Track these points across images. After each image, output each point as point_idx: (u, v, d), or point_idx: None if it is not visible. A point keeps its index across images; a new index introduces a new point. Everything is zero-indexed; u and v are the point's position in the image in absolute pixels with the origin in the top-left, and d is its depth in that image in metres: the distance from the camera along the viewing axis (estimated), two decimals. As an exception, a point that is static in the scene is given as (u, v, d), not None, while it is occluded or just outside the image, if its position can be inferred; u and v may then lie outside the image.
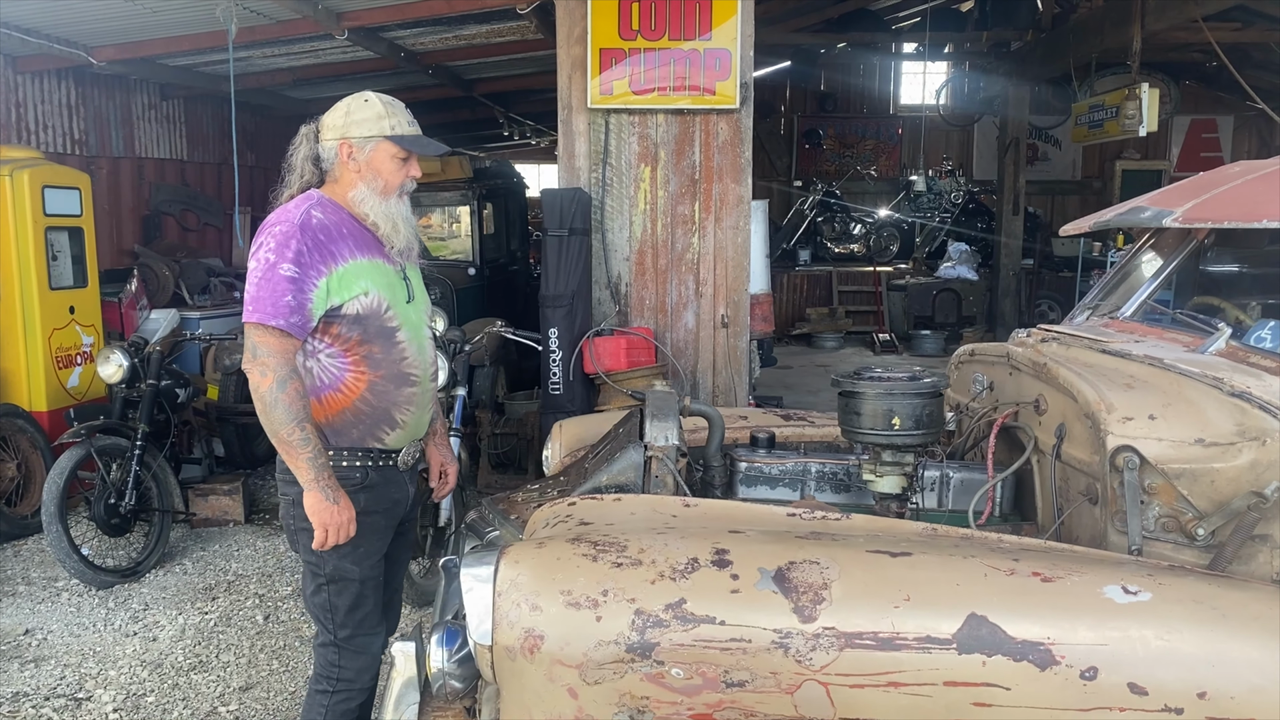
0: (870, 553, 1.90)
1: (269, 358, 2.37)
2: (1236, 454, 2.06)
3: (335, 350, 2.50)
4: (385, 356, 2.54)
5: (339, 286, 2.46)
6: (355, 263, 2.49)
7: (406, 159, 2.57)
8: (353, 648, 2.64)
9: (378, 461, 2.58)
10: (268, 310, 2.37)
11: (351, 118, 2.53)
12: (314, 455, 2.41)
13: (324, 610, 2.61)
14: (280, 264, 2.38)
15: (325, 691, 2.63)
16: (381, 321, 2.53)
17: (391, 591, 2.88)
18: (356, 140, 2.51)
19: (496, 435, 6.40)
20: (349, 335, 2.49)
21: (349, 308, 2.47)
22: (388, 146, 2.52)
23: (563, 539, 1.98)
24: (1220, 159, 16.38)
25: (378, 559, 2.65)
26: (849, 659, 1.74)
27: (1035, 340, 2.77)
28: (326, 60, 7.65)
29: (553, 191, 5.82)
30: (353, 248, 2.51)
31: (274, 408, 2.37)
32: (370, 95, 2.59)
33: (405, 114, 2.59)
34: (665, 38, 5.75)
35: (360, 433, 2.55)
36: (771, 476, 2.72)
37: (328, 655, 2.64)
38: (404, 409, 2.60)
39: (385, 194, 2.56)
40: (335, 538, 2.45)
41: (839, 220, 14.27)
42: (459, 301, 7.71)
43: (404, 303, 2.62)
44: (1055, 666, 1.73)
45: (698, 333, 6.00)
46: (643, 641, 1.77)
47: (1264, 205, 2.25)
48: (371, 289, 2.51)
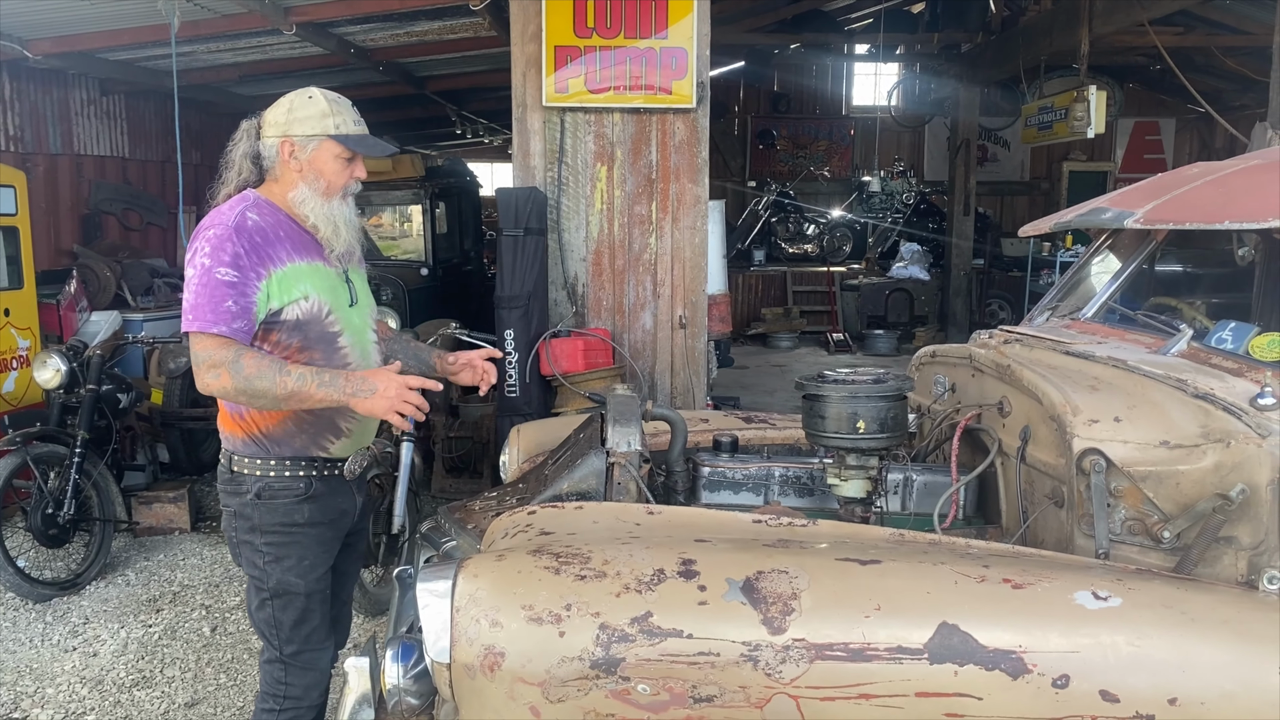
0: (839, 561, 1.86)
1: (214, 355, 2.28)
2: (1201, 456, 2.05)
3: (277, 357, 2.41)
4: (327, 362, 2.46)
5: (278, 290, 2.38)
6: (294, 266, 2.42)
7: (351, 159, 2.49)
8: (299, 664, 2.56)
9: (322, 471, 2.51)
10: (208, 317, 2.29)
11: (294, 115, 2.44)
12: (321, 381, 2.30)
13: (269, 626, 2.53)
14: (217, 268, 2.30)
15: (272, 710, 2.55)
16: (323, 327, 2.46)
17: (340, 604, 2.82)
18: (299, 139, 2.43)
19: (451, 439, 6.30)
20: (289, 342, 2.42)
21: (288, 312, 2.40)
22: (331, 146, 2.44)
23: (523, 550, 1.91)
24: (1163, 160, 16.73)
25: (323, 572, 2.57)
26: (819, 671, 1.70)
27: (998, 342, 2.76)
28: (274, 56, 7.47)
29: (508, 190, 5.73)
30: (290, 251, 2.43)
31: (250, 383, 2.27)
32: (315, 92, 2.50)
33: (351, 112, 2.51)
34: (621, 36, 5.69)
35: (303, 441, 2.48)
36: (735, 481, 2.67)
37: (274, 672, 2.56)
38: (348, 416, 2.52)
39: (327, 195, 2.47)
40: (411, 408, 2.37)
41: (793, 221, 14.32)
42: (411, 302, 7.59)
43: (346, 307, 2.55)
44: (1027, 675, 1.70)
45: (655, 334, 5.95)
46: (608, 657, 1.71)
47: (1225, 206, 2.25)
48: (312, 293, 2.43)
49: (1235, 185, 2.35)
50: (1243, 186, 2.32)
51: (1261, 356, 2.17)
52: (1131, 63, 13.97)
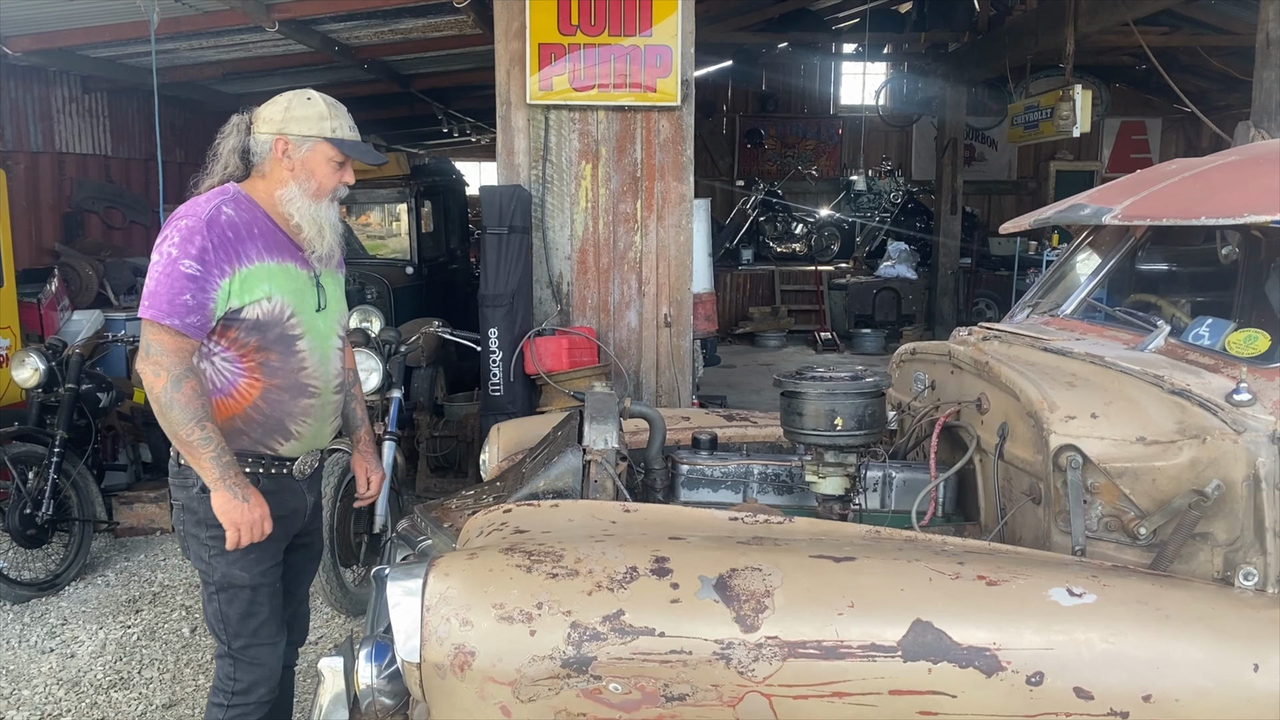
0: (813, 558, 1.85)
1: (163, 356, 2.30)
2: (1177, 452, 2.04)
3: (231, 354, 2.42)
4: (283, 365, 2.46)
5: (240, 289, 2.38)
6: (262, 265, 2.41)
7: (343, 164, 2.49)
8: (247, 659, 2.54)
9: (270, 469, 2.51)
10: (163, 308, 2.29)
11: (291, 113, 2.45)
12: (217, 453, 2.33)
13: (217, 620, 2.53)
14: (182, 260, 2.30)
15: (220, 705, 2.55)
16: (282, 329, 2.45)
17: (297, 602, 2.82)
18: (294, 137, 2.44)
19: (435, 438, 6.27)
20: (246, 340, 2.42)
21: (248, 312, 2.39)
22: (326, 149, 2.45)
23: (496, 549, 1.90)
24: (1149, 160, 16.78)
25: (270, 566, 2.55)
26: (792, 669, 1.69)
27: (977, 338, 2.75)
28: (258, 54, 7.43)
29: (492, 189, 5.71)
30: (261, 249, 2.42)
31: (170, 408, 2.30)
32: (314, 94, 2.50)
33: (348, 118, 2.52)
34: (605, 33, 5.68)
35: (251, 440, 2.48)
36: (714, 479, 2.66)
37: (224, 667, 2.56)
38: (300, 420, 2.53)
39: (316, 196, 2.47)
40: (249, 535, 2.38)
41: (781, 220, 14.32)
42: (396, 301, 7.55)
43: (313, 311, 2.53)
44: (1001, 672, 1.69)
45: (640, 332, 5.94)
46: (579, 656, 1.69)
47: (1200, 202, 2.25)
48: (275, 294, 2.43)
49: (1212, 181, 2.35)
50: (1220, 182, 2.32)
51: (1237, 353, 2.17)
52: (1118, 63, 14.02)
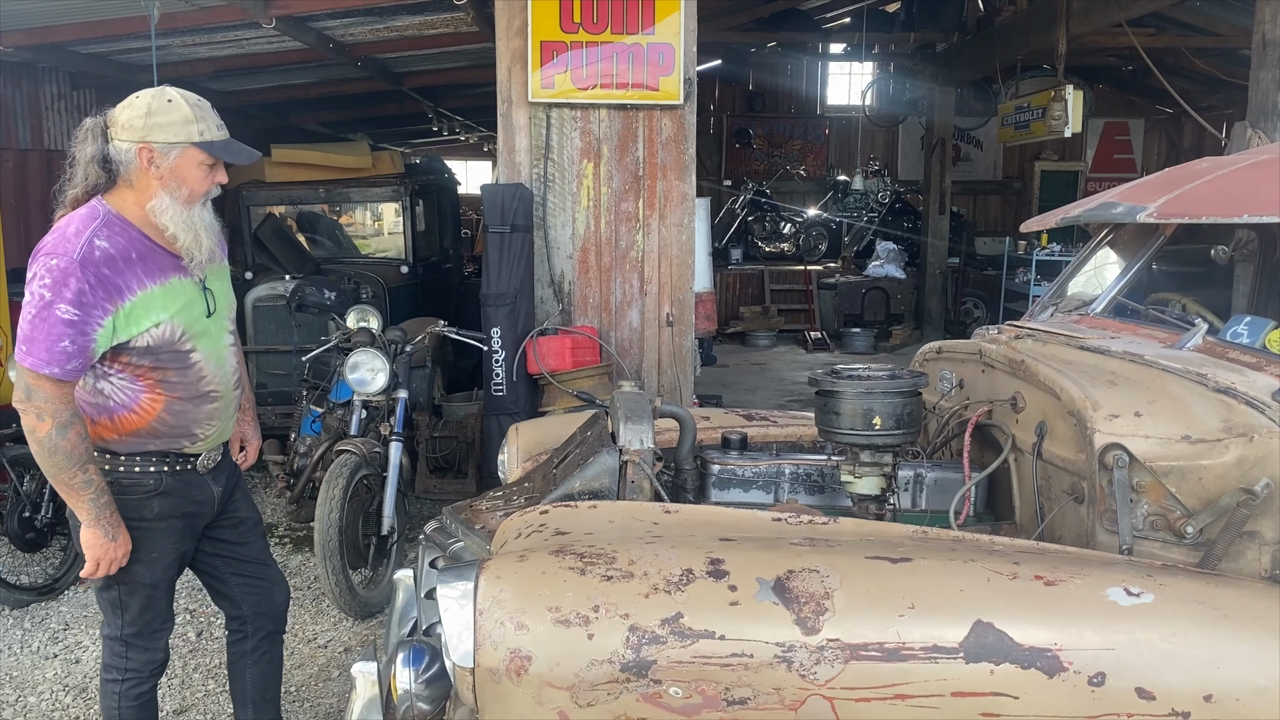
0: (869, 559, 1.83)
1: (45, 403, 2.25)
2: (1224, 450, 2.04)
3: (126, 375, 2.41)
4: (181, 379, 2.46)
5: (126, 323, 2.33)
6: (144, 294, 2.36)
7: (213, 165, 2.43)
8: (139, 644, 2.62)
9: (174, 466, 2.53)
10: (42, 356, 2.23)
11: (154, 120, 2.34)
12: (96, 495, 2.34)
13: (113, 606, 2.57)
14: (57, 304, 2.23)
15: (116, 680, 2.63)
16: (175, 348, 2.43)
17: (258, 566, 2.86)
18: (159, 145, 2.34)
19: (435, 438, 6.22)
20: (140, 363, 2.40)
21: (137, 341, 2.37)
22: (195, 153, 2.37)
23: (545, 551, 1.86)
24: (1132, 160, 16.95)
25: (171, 563, 2.60)
26: (854, 672, 1.67)
27: (1008, 337, 2.74)
28: (250, 51, 7.34)
29: (493, 187, 5.67)
30: (142, 276, 2.36)
31: (54, 454, 2.28)
32: (174, 94, 2.41)
33: (214, 116, 2.44)
34: (608, 31, 5.65)
35: (162, 444, 2.49)
36: (745, 479, 2.64)
37: (115, 648, 2.62)
38: (205, 425, 2.55)
39: (189, 203, 2.41)
40: (106, 569, 2.43)
41: (769, 219, 14.33)
42: (392, 300, 7.47)
43: (203, 318, 2.52)
44: (1063, 673, 1.68)
45: (642, 331, 5.91)
46: (638, 659, 1.67)
47: (1242, 200, 2.25)
48: (164, 319, 2.40)
49: (1248, 179, 2.35)
50: (1259, 180, 2.32)
51: (1279, 350, 2.17)
52: (1102, 64, 14.13)
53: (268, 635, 2.90)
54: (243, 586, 2.83)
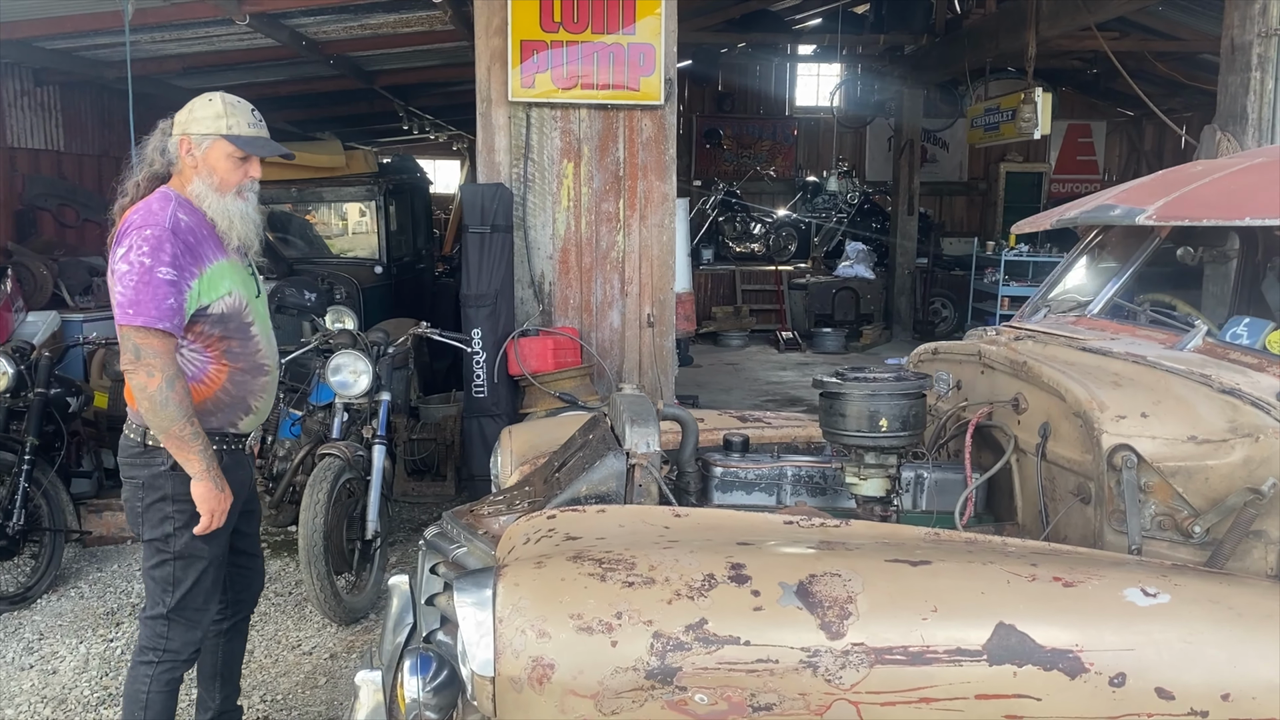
0: (889, 562, 1.82)
1: (154, 358, 2.51)
2: (1229, 450, 2.06)
3: (198, 346, 2.66)
4: (243, 350, 2.73)
5: (208, 288, 2.63)
6: (218, 264, 2.67)
7: (245, 159, 2.70)
8: (184, 620, 2.73)
9: (231, 445, 2.77)
10: (152, 313, 2.50)
11: (193, 115, 2.68)
12: (204, 447, 2.59)
13: (165, 583, 2.69)
14: (158, 268, 2.51)
15: (150, 662, 2.71)
16: (240, 319, 2.72)
17: (249, 557, 3.06)
18: (195, 136, 2.66)
19: (413, 441, 6.16)
20: (211, 333, 2.66)
21: (214, 307, 2.64)
22: (223, 145, 2.66)
23: (562, 557, 1.84)
24: (1095, 162, 17.22)
25: (224, 539, 2.78)
26: (879, 676, 1.66)
27: (1007, 338, 2.75)
28: (220, 48, 7.23)
29: (474, 187, 5.63)
30: (214, 249, 2.68)
31: (165, 405, 2.52)
32: (215, 95, 2.72)
33: (247, 115, 2.72)
34: (588, 31, 5.62)
35: (219, 420, 2.72)
36: (748, 481, 2.63)
37: (156, 627, 2.72)
38: (259, 396, 2.81)
39: (221, 191, 2.68)
40: (219, 521, 2.65)
41: (740, 220, 14.38)
42: (365, 301, 7.40)
43: (255, 298, 2.81)
44: (1085, 674, 1.68)
45: (623, 332, 5.90)
46: (663, 666, 1.65)
47: (1243, 203, 2.28)
48: (234, 289, 2.70)
49: (1247, 182, 2.38)
50: (1256, 183, 2.35)
51: (1279, 351, 2.20)
52: (1066, 67, 14.34)
53: (243, 618, 3.13)
54: (235, 573, 3.00)
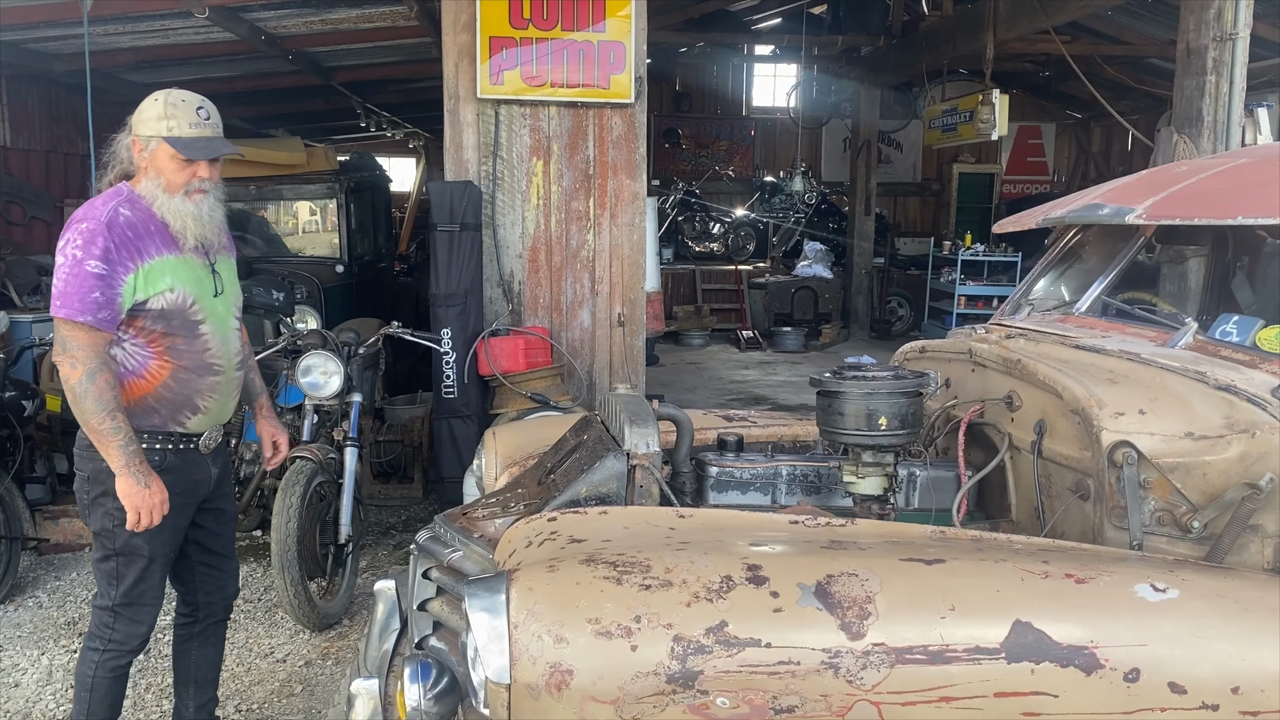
0: (904, 561, 1.82)
1: (78, 351, 2.50)
2: (1226, 446, 2.09)
3: (140, 341, 2.63)
4: (188, 348, 2.69)
5: (145, 283, 2.59)
6: (162, 260, 2.63)
7: (189, 160, 2.65)
8: (129, 615, 2.75)
9: (178, 445, 2.73)
10: (75, 306, 2.49)
11: (140, 116, 2.66)
12: (125, 442, 2.55)
13: (110, 577, 2.72)
14: (87, 261, 2.50)
15: (97, 650, 2.76)
16: (186, 315, 2.67)
17: (219, 557, 3.02)
18: (141, 138, 2.66)
19: (380, 443, 6.06)
20: (153, 328, 2.63)
21: (154, 303, 2.61)
22: (165, 147, 2.63)
23: (575, 560, 1.80)
24: (1045, 163, 17.54)
25: (169, 537, 2.76)
26: (900, 675, 1.65)
27: (998, 336, 2.77)
28: (176, 41, 7.04)
29: (442, 184, 5.55)
30: (160, 245, 2.64)
31: (84, 398, 2.51)
32: (160, 95, 2.68)
33: (190, 115, 2.65)
34: (558, 28, 5.58)
35: (162, 418, 2.69)
36: (743, 481, 2.61)
37: (104, 618, 2.75)
38: (206, 396, 2.75)
39: (169, 191, 2.65)
40: (148, 519, 2.59)
41: (699, 219, 14.41)
42: (327, 300, 7.28)
43: (211, 296, 2.76)
44: (1100, 670, 1.69)
45: (594, 332, 5.86)
46: (684, 670, 1.62)
47: (1234, 203, 2.31)
48: (177, 285, 2.65)
49: (1238, 181, 2.41)
50: (1244, 182, 2.39)
51: (1271, 348, 2.23)
52: (1017, 70, 14.56)
53: (216, 621, 3.09)
54: (204, 574, 2.99)
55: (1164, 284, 5.60)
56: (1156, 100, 13.18)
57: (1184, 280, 4.07)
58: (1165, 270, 5.30)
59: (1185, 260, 3.77)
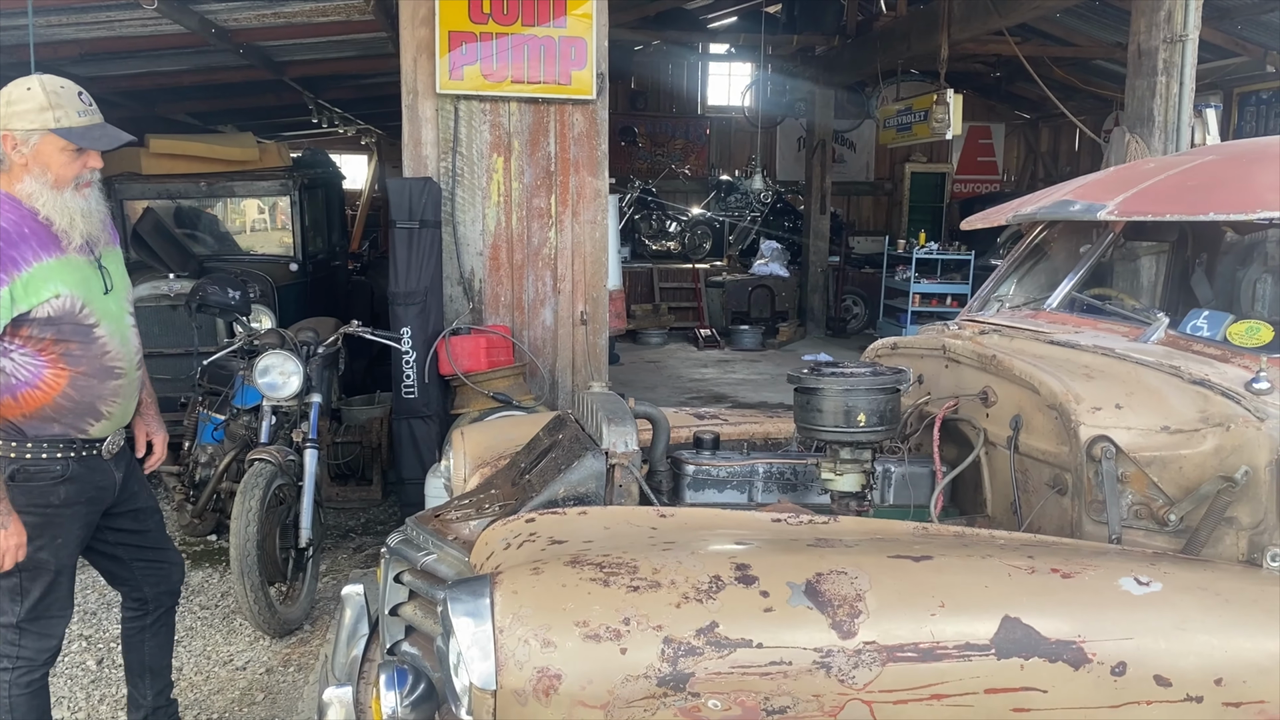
0: (892, 558, 1.80)
1: None
2: (1202, 440, 2.11)
3: (29, 350, 2.46)
4: (85, 353, 2.52)
5: (24, 293, 2.40)
6: (41, 265, 2.43)
7: (80, 151, 2.48)
8: (36, 630, 2.61)
9: (80, 451, 2.59)
10: None
11: (13, 108, 2.43)
12: None
13: (12, 593, 2.56)
14: None
15: (5, 670, 2.61)
16: (77, 320, 2.49)
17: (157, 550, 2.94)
18: (19, 132, 2.43)
19: (337, 444, 5.95)
20: (42, 336, 2.45)
21: (38, 311, 2.42)
22: (53, 139, 2.44)
23: (560, 562, 1.77)
24: (994, 163, 17.81)
25: (74, 548, 2.66)
26: (891, 674, 1.64)
27: (971, 332, 2.78)
28: (123, 34, 6.84)
29: (401, 181, 5.45)
30: (37, 249, 2.43)
31: None
32: (34, 82, 2.46)
33: (75, 102, 2.48)
34: (519, 23, 5.52)
35: (63, 426, 2.54)
36: (720, 479, 2.59)
37: (8, 635, 2.60)
38: (109, 401, 2.61)
39: (57, 187, 2.47)
40: (13, 559, 2.42)
41: (656, 218, 14.39)
42: (280, 299, 7.12)
43: (101, 295, 2.58)
44: (1088, 664, 1.70)
45: (556, 330, 5.81)
46: (675, 673, 1.59)
47: (1204, 199, 2.33)
48: (63, 290, 2.46)
49: (1207, 177, 2.44)
50: (1217, 179, 2.41)
51: (1241, 343, 2.26)
52: (968, 70, 14.76)
53: (166, 610, 3.02)
54: (144, 570, 2.92)
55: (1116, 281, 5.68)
56: (1103, 101, 13.46)
57: (1136, 277, 4.14)
58: (1118, 268, 5.37)
59: (1138, 258, 3.83)
